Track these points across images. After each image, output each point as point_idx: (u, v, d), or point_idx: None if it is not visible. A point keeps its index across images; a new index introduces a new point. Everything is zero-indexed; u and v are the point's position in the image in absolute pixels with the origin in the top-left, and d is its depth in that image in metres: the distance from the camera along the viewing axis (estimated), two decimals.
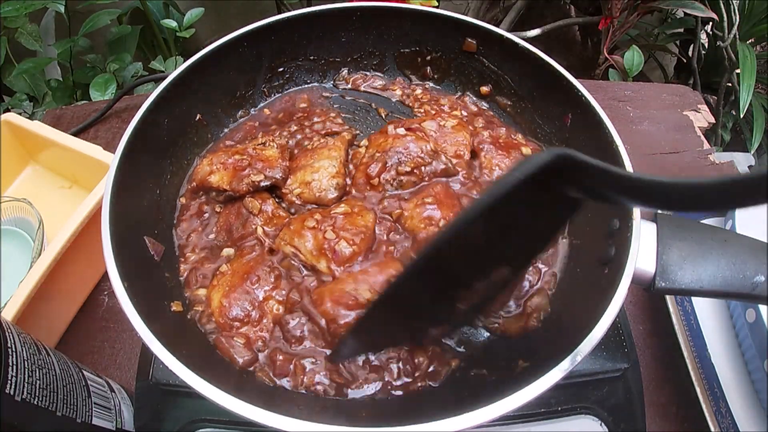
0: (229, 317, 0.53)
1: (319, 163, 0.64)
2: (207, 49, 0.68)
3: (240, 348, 0.52)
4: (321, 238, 0.56)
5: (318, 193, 0.62)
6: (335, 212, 0.59)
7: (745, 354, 0.69)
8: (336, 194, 0.63)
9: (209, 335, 0.54)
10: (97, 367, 0.67)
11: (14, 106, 1.28)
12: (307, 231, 0.57)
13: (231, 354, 0.52)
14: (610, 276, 0.49)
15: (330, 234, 0.57)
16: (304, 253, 0.57)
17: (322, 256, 0.56)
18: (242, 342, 0.53)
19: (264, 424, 0.40)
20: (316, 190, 0.63)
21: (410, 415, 0.47)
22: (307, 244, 0.57)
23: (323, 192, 0.62)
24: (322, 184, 0.63)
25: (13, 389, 0.43)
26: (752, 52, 1.33)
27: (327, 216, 0.59)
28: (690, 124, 1.05)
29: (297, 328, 0.54)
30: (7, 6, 1.14)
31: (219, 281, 0.57)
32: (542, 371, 0.42)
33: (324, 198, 0.62)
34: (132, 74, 1.29)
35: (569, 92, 0.64)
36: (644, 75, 1.66)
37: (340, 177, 0.64)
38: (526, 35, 1.49)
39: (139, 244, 0.57)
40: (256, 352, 0.53)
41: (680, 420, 0.70)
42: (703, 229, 0.51)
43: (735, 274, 0.47)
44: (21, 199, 0.78)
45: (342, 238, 0.56)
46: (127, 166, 0.57)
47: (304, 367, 0.52)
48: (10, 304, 0.62)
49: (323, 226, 0.57)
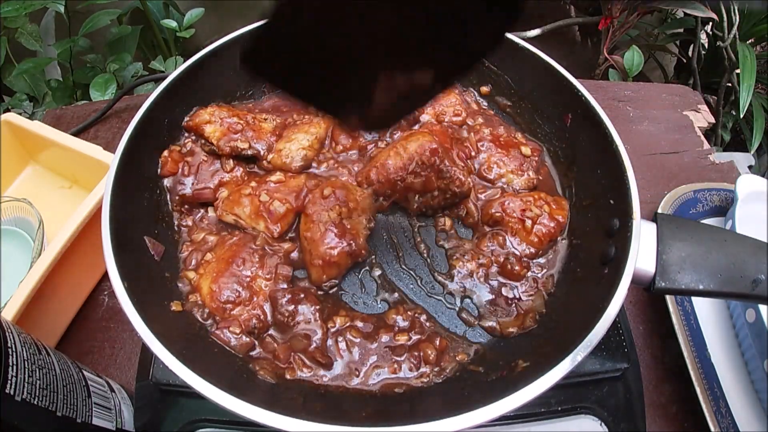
0: (220, 300, 0.55)
1: (295, 135, 0.68)
2: (207, 49, 0.68)
3: (237, 337, 0.54)
4: (257, 202, 0.61)
5: (285, 159, 0.66)
6: (269, 179, 0.63)
7: (745, 354, 0.69)
8: (301, 164, 0.66)
9: (208, 329, 0.54)
10: (97, 367, 0.67)
11: (14, 106, 1.28)
12: (244, 198, 0.61)
13: (229, 343, 0.53)
14: (610, 276, 0.50)
15: (264, 197, 0.61)
16: (244, 219, 0.61)
17: (260, 218, 0.60)
18: (237, 331, 0.54)
19: (264, 424, 0.40)
20: (284, 157, 0.66)
21: (410, 415, 0.47)
22: (245, 210, 0.61)
23: (289, 159, 0.66)
24: (291, 152, 0.66)
25: (13, 389, 0.43)
26: (752, 52, 1.33)
27: (261, 182, 0.63)
28: (690, 124, 1.05)
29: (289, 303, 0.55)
30: (7, 6, 1.14)
31: (205, 269, 0.58)
32: (542, 371, 0.42)
33: (288, 165, 0.66)
34: (132, 74, 1.29)
35: (569, 92, 0.64)
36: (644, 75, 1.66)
37: (310, 150, 0.67)
38: (526, 35, 1.49)
39: (139, 244, 0.57)
40: (253, 338, 0.54)
41: (680, 420, 0.70)
42: (703, 229, 0.51)
43: (735, 274, 0.47)
44: (21, 199, 0.78)
45: (275, 199, 0.60)
46: (127, 166, 0.57)
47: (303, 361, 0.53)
48: (10, 304, 0.62)
49: (258, 191, 0.61)
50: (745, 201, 0.76)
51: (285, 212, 0.60)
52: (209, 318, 0.55)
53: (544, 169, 0.70)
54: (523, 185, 0.67)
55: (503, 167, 0.68)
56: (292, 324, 0.54)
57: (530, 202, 0.63)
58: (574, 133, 0.66)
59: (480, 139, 0.70)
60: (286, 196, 0.61)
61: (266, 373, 0.51)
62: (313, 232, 0.58)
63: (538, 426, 0.55)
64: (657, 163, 0.97)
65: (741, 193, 0.76)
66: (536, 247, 0.61)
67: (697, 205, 0.84)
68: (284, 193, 0.61)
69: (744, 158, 1.09)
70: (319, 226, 0.58)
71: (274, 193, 0.61)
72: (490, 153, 0.69)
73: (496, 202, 0.64)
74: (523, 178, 0.67)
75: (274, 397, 0.49)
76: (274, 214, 0.60)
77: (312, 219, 0.59)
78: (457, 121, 0.73)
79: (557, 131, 0.70)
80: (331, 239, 0.57)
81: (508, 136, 0.71)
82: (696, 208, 0.84)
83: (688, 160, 0.99)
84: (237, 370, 0.52)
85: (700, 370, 0.67)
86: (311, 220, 0.59)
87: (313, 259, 0.57)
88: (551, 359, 0.43)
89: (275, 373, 0.52)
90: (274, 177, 0.63)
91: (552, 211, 0.63)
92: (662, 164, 0.97)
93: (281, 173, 0.64)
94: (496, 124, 0.73)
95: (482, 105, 0.77)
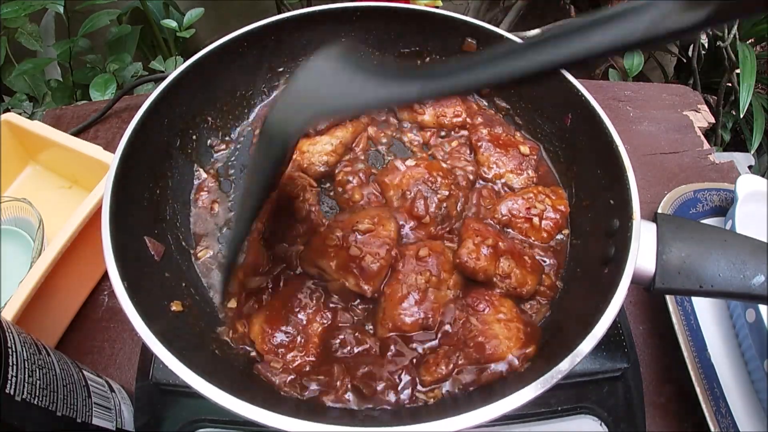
0: (273, 344, 0.52)
1: (320, 138, 0.68)
2: (207, 49, 0.68)
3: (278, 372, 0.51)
4: (345, 255, 0.55)
5: (306, 163, 0.65)
6: (357, 227, 0.58)
7: (745, 354, 0.69)
8: (322, 170, 0.66)
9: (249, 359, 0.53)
10: (97, 367, 0.67)
11: (14, 106, 1.27)
12: (330, 249, 0.56)
13: (271, 380, 0.50)
14: (610, 276, 0.49)
15: (354, 251, 0.55)
16: (330, 273, 0.56)
17: (350, 274, 0.54)
18: (280, 367, 0.51)
19: (264, 424, 0.40)
20: (306, 161, 0.66)
21: (410, 415, 0.47)
22: (332, 264, 0.55)
23: (311, 165, 0.65)
24: (313, 156, 0.66)
25: (13, 389, 0.43)
26: (752, 52, 1.33)
27: (347, 230, 0.57)
28: (690, 124, 1.05)
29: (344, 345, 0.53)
30: (7, 7, 1.13)
31: (260, 308, 0.55)
32: (542, 371, 0.42)
33: (310, 169, 0.65)
34: (132, 74, 1.28)
35: (569, 92, 0.64)
36: (644, 75, 1.66)
37: (333, 156, 0.66)
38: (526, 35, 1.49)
39: (139, 244, 0.57)
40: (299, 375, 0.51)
41: (680, 420, 0.69)
42: (703, 229, 0.51)
43: (735, 274, 0.47)
44: (21, 199, 0.78)
45: (366, 253, 0.55)
46: (127, 166, 0.57)
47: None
48: (10, 304, 0.62)
49: (346, 243, 0.56)
50: (745, 201, 0.76)
51: (378, 270, 0.55)
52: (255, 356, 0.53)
53: (543, 167, 0.70)
54: (522, 184, 0.67)
55: (502, 167, 0.68)
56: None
57: (532, 199, 0.64)
58: (574, 133, 0.66)
59: (479, 138, 0.70)
60: (378, 249, 0.56)
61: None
62: (394, 289, 0.54)
63: (538, 426, 0.55)
64: (657, 163, 0.97)
65: (741, 193, 0.76)
66: (546, 242, 0.62)
67: (697, 205, 0.84)
68: (376, 246, 0.56)
69: (744, 158, 1.09)
70: (403, 288, 0.54)
71: (363, 247, 0.56)
72: (489, 153, 0.69)
73: (500, 205, 0.64)
74: (522, 177, 0.68)
75: (274, 397, 0.49)
76: (366, 272, 0.55)
77: (398, 277, 0.55)
78: (458, 122, 0.73)
79: (557, 131, 0.70)
80: (410, 305, 0.53)
81: (506, 136, 0.71)
82: (696, 208, 0.84)
83: (688, 160, 0.99)
84: (237, 370, 0.52)
85: (700, 370, 0.67)
86: (396, 279, 0.55)
87: (385, 319, 0.54)
88: (551, 359, 0.43)
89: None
90: (362, 226, 0.57)
91: (554, 203, 0.64)
92: (662, 164, 0.97)
93: (369, 221, 0.58)
94: (495, 124, 0.73)
95: (482, 105, 0.77)
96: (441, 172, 0.64)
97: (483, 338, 0.52)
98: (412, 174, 0.64)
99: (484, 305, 0.54)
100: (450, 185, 0.63)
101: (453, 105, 0.74)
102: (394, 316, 0.53)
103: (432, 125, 0.74)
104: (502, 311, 0.54)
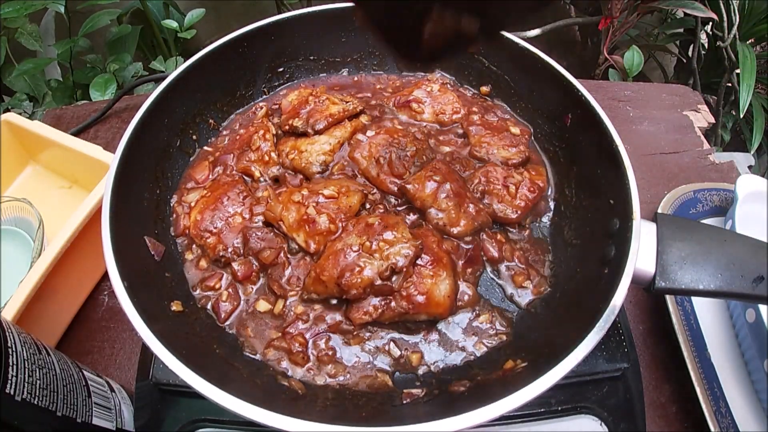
0: (200, 229, 0.61)
1: (318, 137, 0.68)
2: (207, 49, 0.68)
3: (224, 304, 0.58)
4: (303, 212, 0.60)
5: (303, 163, 0.66)
6: (321, 192, 0.61)
7: (745, 354, 0.69)
8: (319, 170, 0.67)
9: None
10: (97, 367, 0.67)
11: (14, 106, 1.28)
12: (292, 204, 0.61)
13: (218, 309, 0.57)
14: (610, 276, 0.50)
15: (311, 210, 0.60)
16: (285, 226, 0.60)
17: (301, 229, 0.59)
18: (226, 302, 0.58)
19: (264, 424, 0.40)
20: (303, 161, 0.66)
21: (410, 415, 0.47)
22: (291, 215, 0.60)
23: (308, 165, 0.66)
24: (311, 156, 0.67)
25: (13, 389, 0.43)
26: (752, 52, 1.33)
27: (313, 193, 0.61)
28: (690, 124, 1.05)
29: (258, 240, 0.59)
30: (7, 6, 1.14)
31: (197, 202, 0.64)
32: (542, 371, 0.42)
33: (308, 170, 0.66)
34: (132, 74, 1.29)
35: (569, 92, 0.65)
36: (644, 75, 1.66)
37: (330, 156, 0.68)
38: (526, 35, 1.49)
39: (139, 244, 0.57)
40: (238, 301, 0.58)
41: (680, 420, 0.69)
42: (703, 229, 0.51)
43: (735, 274, 0.47)
44: (21, 199, 0.78)
45: (324, 213, 0.59)
46: (127, 166, 0.57)
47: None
48: (10, 304, 0.62)
49: (307, 201, 0.61)
50: (745, 201, 0.76)
51: (326, 231, 0.59)
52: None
53: (535, 156, 0.72)
54: (514, 157, 0.69)
55: (494, 145, 0.70)
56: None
57: (511, 170, 0.66)
58: (574, 133, 0.66)
59: (470, 123, 0.72)
60: (336, 215, 0.59)
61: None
62: (332, 245, 0.57)
63: (538, 426, 0.55)
64: (657, 163, 0.97)
65: (741, 193, 0.76)
66: (522, 211, 0.64)
67: (697, 205, 0.84)
68: (334, 212, 0.60)
69: (744, 158, 1.09)
70: (337, 245, 0.56)
71: (322, 209, 0.60)
72: (480, 133, 0.71)
73: (479, 172, 0.65)
74: (513, 151, 0.69)
75: (274, 396, 0.49)
76: (315, 230, 0.58)
77: (341, 236, 0.58)
78: (457, 118, 0.73)
79: (557, 131, 0.70)
80: (338, 262, 0.54)
81: (499, 121, 0.73)
82: (696, 208, 0.84)
83: (688, 160, 0.99)
84: (237, 369, 0.52)
85: (700, 370, 0.67)
86: (340, 237, 0.58)
87: (314, 266, 0.56)
88: (551, 359, 0.43)
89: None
90: (327, 192, 0.61)
91: (532, 177, 0.66)
92: (662, 164, 0.97)
93: (335, 189, 0.61)
94: (489, 111, 0.75)
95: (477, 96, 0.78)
96: (400, 133, 0.68)
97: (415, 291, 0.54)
98: (377, 141, 0.67)
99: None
100: (413, 140, 0.67)
101: (451, 102, 0.74)
102: (323, 265, 0.55)
103: (431, 123, 0.74)
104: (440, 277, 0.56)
